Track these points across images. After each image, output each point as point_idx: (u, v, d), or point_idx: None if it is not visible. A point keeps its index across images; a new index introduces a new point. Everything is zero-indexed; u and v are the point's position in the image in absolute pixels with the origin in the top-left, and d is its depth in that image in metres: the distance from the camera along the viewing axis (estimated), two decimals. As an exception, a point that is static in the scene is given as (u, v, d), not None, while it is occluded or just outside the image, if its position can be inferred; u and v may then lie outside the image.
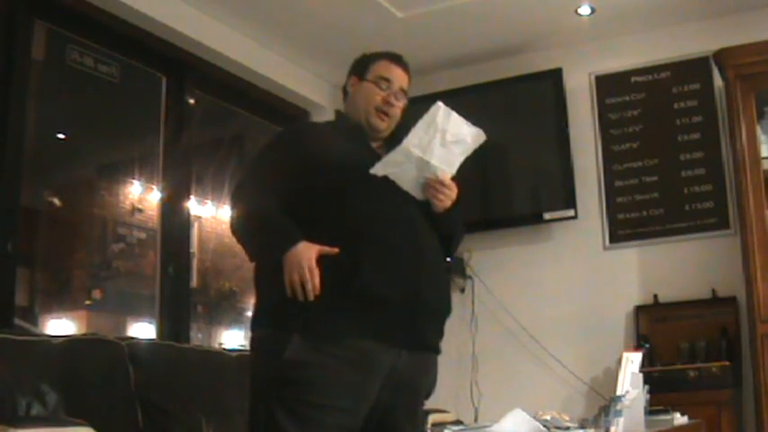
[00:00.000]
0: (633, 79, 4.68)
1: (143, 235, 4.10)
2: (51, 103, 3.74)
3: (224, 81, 4.48)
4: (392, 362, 2.05)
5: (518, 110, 4.81)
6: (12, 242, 3.26)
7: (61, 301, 3.86)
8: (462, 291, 4.81)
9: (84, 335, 3.23)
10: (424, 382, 2.19)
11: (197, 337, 4.23)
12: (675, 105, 4.57)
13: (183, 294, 4.07)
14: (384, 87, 2.29)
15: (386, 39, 4.32)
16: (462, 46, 4.74)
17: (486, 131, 2.15)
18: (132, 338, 3.27)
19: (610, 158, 4.67)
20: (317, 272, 1.99)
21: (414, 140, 2.05)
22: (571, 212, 4.56)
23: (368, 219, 2.10)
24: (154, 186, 4.15)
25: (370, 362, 2.02)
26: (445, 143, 2.06)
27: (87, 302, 3.93)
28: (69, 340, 2.93)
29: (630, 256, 4.56)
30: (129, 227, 4.06)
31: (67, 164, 3.96)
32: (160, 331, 3.96)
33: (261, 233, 2.14)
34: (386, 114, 2.28)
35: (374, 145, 2.29)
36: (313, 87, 4.88)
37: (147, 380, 3.01)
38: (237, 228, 2.20)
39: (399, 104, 2.31)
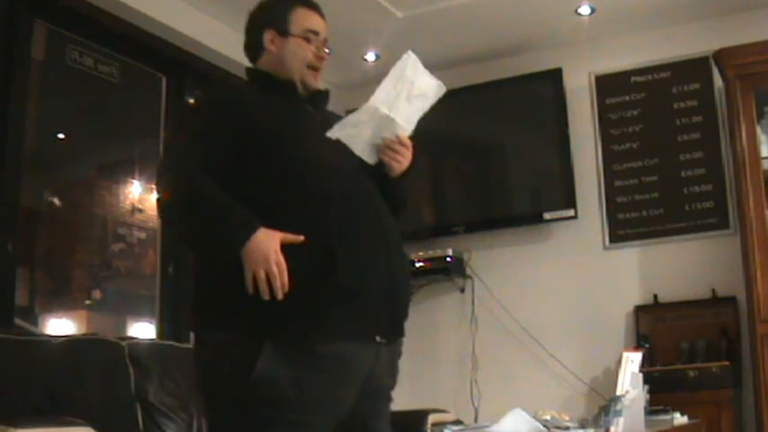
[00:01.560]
0: (633, 79, 4.68)
1: (143, 235, 4.09)
2: (51, 103, 3.74)
3: (224, 81, 4.47)
4: (371, 363, 1.83)
5: (518, 110, 4.81)
6: (12, 242, 3.26)
7: (61, 301, 3.86)
8: (462, 291, 4.81)
9: (84, 335, 3.23)
10: (394, 379, 1.99)
11: (197, 337, 4.22)
12: (675, 105, 4.57)
13: (182, 294, 4.07)
14: (313, 41, 2.04)
15: (386, 39, 4.35)
16: (462, 46, 4.74)
17: (486, 131, 2.10)
18: (132, 338, 3.28)
19: (610, 158, 4.67)
20: (285, 267, 1.70)
21: (381, 95, 1.85)
22: (571, 212, 4.56)
23: (331, 196, 1.83)
24: (154, 186, 4.15)
25: (350, 368, 1.80)
26: (410, 97, 1.87)
27: (87, 302, 3.92)
28: (69, 340, 2.93)
29: (630, 256, 4.56)
30: (129, 227, 4.05)
31: (67, 164, 3.96)
32: (160, 331, 3.96)
33: (209, 222, 1.78)
34: (317, 70, 2.04)
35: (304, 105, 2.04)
36: (313, 87, 4.87)
37: (147, 380, 3.01)
38: (173, 215, 1.86)
39: (326, 57, 2.06)
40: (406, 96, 1.87)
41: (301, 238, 1.75)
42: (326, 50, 2.07)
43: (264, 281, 1.70)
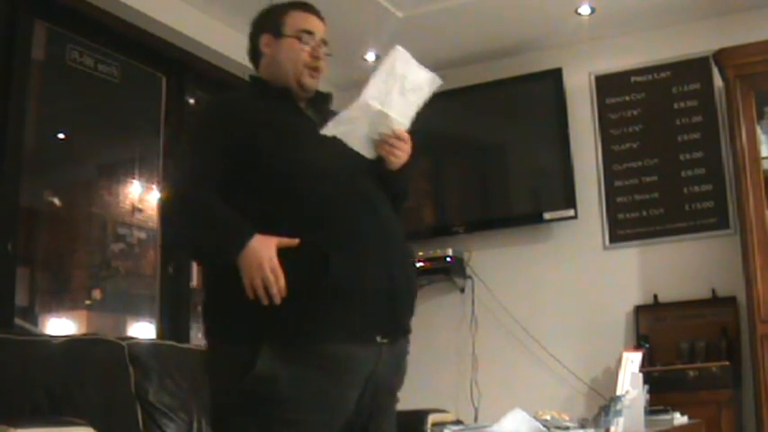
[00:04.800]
0: (633, 79, 4.68)
1: (143, 235, 4.09)
2: (51, 103, 3.74)
3: (224, 81, 4.48)
4: (373, 362, 1.84)
5: (518, 110, 4.81)
6: (12, 242, 3.26)
7: (61, 301, 3.86)
8: (462, 291, 4.81)
9: (84, 335, 3.23)
10: (399, 379, 2.00)
11: (197, 337, 4.22)
12: (675, 105, 4.57)
13: (183, 294, 4.07)
14: (307, 41, 2.04)
15: (386, 39, 4.35)
16: (462, 46, 4.74)
17: (486, 131, 2.10)
18: (132, 338, 3.27)
19: (610, 158, 4.68)
20: (281, 273, 1.74)
21: (372, 92, 1.84)
22: (571, 212, 4.56)
23: (326, 200, 1.85)
24: (154, 186, 4.15)
25: (349, 368, 1.81)
26: (404, 92, 1.86)
27: (87, 302, 3.92)
28: (69, 340, 2.93)
29: (630, 256, 4.56)
30: (129, 227, 4.05)
31: (67, 164, 3.96)
32: (160, 331, 3.96)
33: (205, 231, 1.83)
34: (316, 70, 2.03)
35: (302, 106, 2.04)
36: (313, 87, 4.87)
37: (147, 380, 3.01)
38: (172, 227, 1.92)
39: (325, 57, 2.07)
40: (398, 91, 1.87)
41: (296, 241, 1.78)
42: (325, 51, 2.07)
43: (261, 287, 1.74)
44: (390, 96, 1.86)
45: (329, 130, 1.86)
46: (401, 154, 1.95)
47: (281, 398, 1.76)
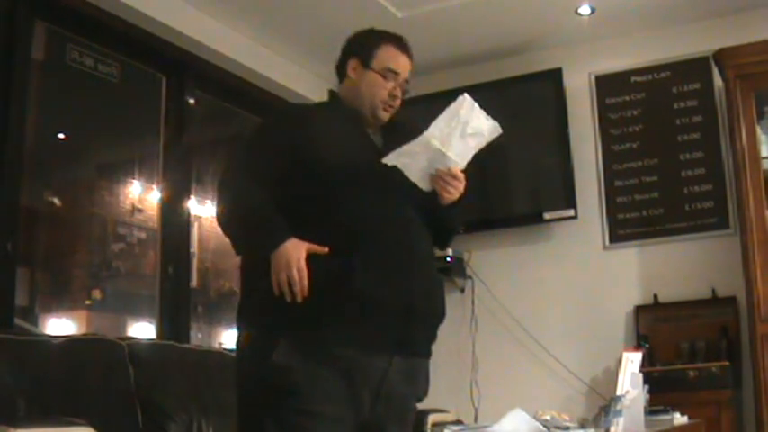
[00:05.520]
0: (633, 79, 4.68)
1: (143, 235, 4.09)
2: (51, 103, 3.74)
3: (224, 81, 4.48)
4: (383, 370, 1.96)
5: (518, 110, 4.80)
6: (12, 242, 3.26)
7: (61, 301, 3.86)
8: (462, 291, 4.82)
9: (84, 335, 3.23)
10: (415, 389, 2.10)
11: (197, 337, 4.22)
12: (675, 105, 4.57)
13: (183, 294, 4.07)
14: (391, 79, 2.17)
15: (386, 39, 4.34)
16: (462, 46, 4.74)
17: (486, 131, 2.12)
18: (132, 338, 3.27)
19: (610, 158, 4.68)
20: (305, 272, 1.90)
21: (435, 132, 2.00)
22: (571, 212, 4.56)
23: (364, 218, 2.00)
24: (154, 186, 4.15)
25: (359, 371, 1.94)
26: (464, 135, 2.01)
27: (87, 302, 3.92)
28: (69, 340, 2.93)
29: (630, 256, 4.56)
30: (129, 227, 4.05)
31: (67, 164, 3.95)
32: (160, 331, 3.96)
33: (248, 228, 2.03)
34: (391, 106, 2.18)
35: (370, 131, 2.19)
36: (313, 87, 4.86)
37: (147, 380, 3.01)
38: (224, 220, 2.09)
39: (402, 95, 2.21)
40: (459, 134, 2.01)
41: (326, 249, 1.94)
42: (404, 91, 2.20)
43: (285, 283, 1.90)
44: (451, 138, 2.00)
45: (390, 159, 2.00)
46: (454, 191, 2.07)
47: (297, 389, 1.89)
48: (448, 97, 2.04)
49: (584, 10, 4.40)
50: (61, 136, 3.92)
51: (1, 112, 3.29)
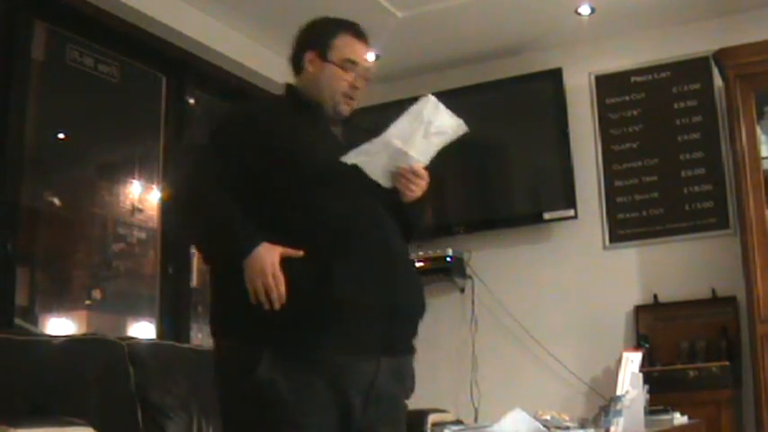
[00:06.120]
0: (633, 79, 4.68)
1: (143, 235, 4.09)
2: (51, 103, 3.74)
3: (224, 81, 4.48)
4: (372, 373, 1.90)
5: (518, 110, 4.81)
6: (12, 242, 3.26)
7: (61, 301, 3.85)
8: (462, 291, 4.82)
9: (84, 335, 3.23)
10: (403, 387, 2.06)
11: (197, 337, 4.22)
12: (675, 105, 4.57)
13: (183, 294, 4.07)
14: (350, 70, 2.08)
15: (386, 39, 4.34)
16: (462, 46, 4.73)
17: (486, 131, 2.12)
18: (132, 338, 3.27)
19: (610, 158, 4.68)
20: (281, 279, 1.80)
21: (395, 132, 1.94)
22: (571, 212, 4.56)
23: (338, 217, 1.92)
24: (154, 186, 4.15)
25: (348, 376, 1.86)
26: (428, 135, 1.96)
27: (87, 302, 3.92)
28: (69, 340, 2.93)
29: (630, 256, 4.56)
30: (129, 227, 4.05)
31: (67, 164, 3.95)
32: (160, 331, 3.96)
33: (215, 234, 1.91)
34: (352, 99, 2.09)
35: (332, 128, 2.09)
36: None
37: (147, 380, 3.00)
38: (187, 229, 2.00)
39: (364, 86, 2.11)
40: (422, 134, 1.95)
41: (300, 252, 1.84)
42: (365, 80, 2.11)
43: (262, 292, 1.81)
44: (413, 137, 1.95)
45: (349, 158, 1.93)
46: (416, 188, 2.00)
47: (283, 401, 1.82)
48: (448, 97, 2.03)
49: (584, 10, 4.40)
50: (61, 136, 3.92)
51: (1, 112, 3.29)
